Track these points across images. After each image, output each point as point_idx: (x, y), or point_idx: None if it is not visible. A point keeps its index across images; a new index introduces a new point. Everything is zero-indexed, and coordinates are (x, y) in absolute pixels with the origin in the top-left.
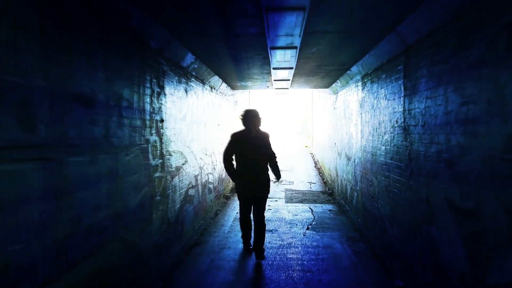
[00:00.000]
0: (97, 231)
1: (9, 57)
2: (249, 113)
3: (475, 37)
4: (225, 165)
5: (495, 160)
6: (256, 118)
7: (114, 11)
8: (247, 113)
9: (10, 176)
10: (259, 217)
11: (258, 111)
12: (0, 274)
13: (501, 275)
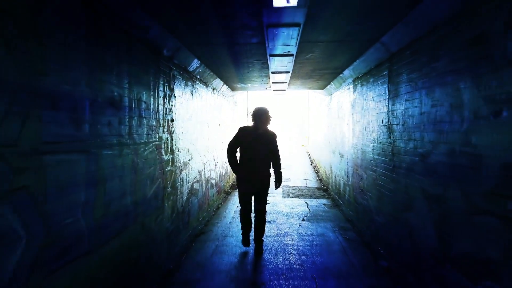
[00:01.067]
0: (123, 214)
1: (64, 72)
2: (259, 110)
3: (442, 51)
4: (229, 156)
5: (456, 152)
6: (265, 116)
7: (135, 27)
8: (257, 110)
9: (64, 164)
10: (259, 212)
11: (269, 109)
12: (58, 240)
13: (461, 248)
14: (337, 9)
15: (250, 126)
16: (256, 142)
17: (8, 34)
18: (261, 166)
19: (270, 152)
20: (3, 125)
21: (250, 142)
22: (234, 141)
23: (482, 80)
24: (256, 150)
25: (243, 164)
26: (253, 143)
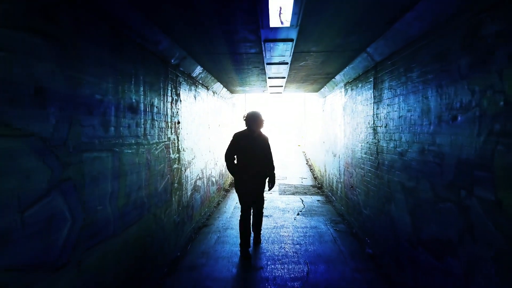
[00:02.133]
0: (140, 205)
1: (96, 83)
2: (253, 115)
3: (414, 63)
4: (227, 163)
5: (425, 151)
6: (259, 120)
7: (149, 41)
8: (251, 114)
9: (96, 160)
10: (258, 210)
11: (261, 113)
12: (92, 223)
13: (429, 232)
14: (325, 27)
15: (244, 131)
16: (252, 147)
17: (59, 55)
18: (259, 169)
19: (265, 154)
20: (56, 129)
21: (246, 147)
22: (230, 148)
23: (443, 90)
24: (252, 154)
25: (241, 169)
26: (249, 147)
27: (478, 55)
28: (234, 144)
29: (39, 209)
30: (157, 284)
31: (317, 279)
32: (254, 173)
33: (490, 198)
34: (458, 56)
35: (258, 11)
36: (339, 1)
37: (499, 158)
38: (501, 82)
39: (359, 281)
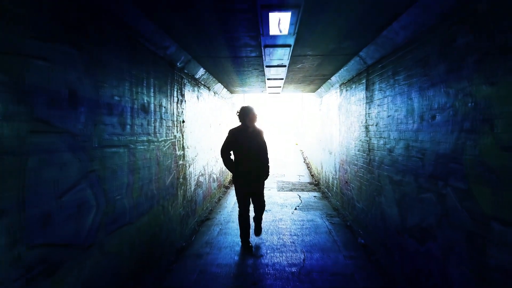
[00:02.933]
0: (150, 197)
1: (115, 87)
2: (245, 109)
3: (401, 67)
4: (223, 159)
5: (410, 147)
6: (251, 114)
7: (159, 47)
8: (243, 109)
9: (115, 155)
10: (259, 201)
11: (253, 107)
12: (112, 211)
13: (413, 220)
14: (320, 34)
15: (239, 127)
16: (247, 141)
17: (87, 63)
18: (256, 163)
19: (262, 147)
20: (85, 127)
21: (242, 142)
22: (226, 144)
23: (424, 93)
24: (249, 149)
25: (238, 165)
26: (245, 142)
27: (452, 62)
28: (229, 140)
29: (72, 196)
30: (166, 269)
31: (312, 265)
32: (251, 167)
33: (462, 187)
34: (436, 63)
35: (259, 21)
36: (332, 14)
37: (468, 152)
38: (470, 86)
39: (350, 267)
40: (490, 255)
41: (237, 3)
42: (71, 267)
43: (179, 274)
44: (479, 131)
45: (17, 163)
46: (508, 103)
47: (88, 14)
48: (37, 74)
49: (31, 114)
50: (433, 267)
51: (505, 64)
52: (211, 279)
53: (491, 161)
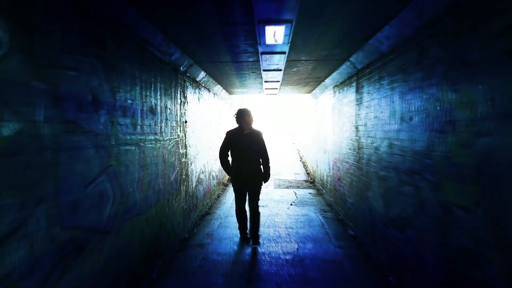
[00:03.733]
0: (157, 191)
1: (128, 91)
2: (241, 112)
3: (385, 73)
4: (221, 161)
5: (393, 145)
6: (247, 116)
7: (165, 54)
8: (239, 111)
9: (128, 152)
10: (253, 207)
11: (250, 109)
12: (125, 202)
13: (395, 211)
14: (313, 43)
15: (236, 128)
16: (244, 143)
17: (106, 71)
18: (252, 165)
19: (259, 150)
20: (104, 127)
21: (239, 144)
22: (224, 145)
23: (404, 96)
24: (245, 150)
25: (235, 165)
26: (241, 144)
27: (425, 70)
28: (227, 142)
29: (94, 187)
30: (172, 256)
31: (305, 253)
32: (248, 169)
33: (434, 180)
34: (413, 70)
35: (257, 33)
36: (322, 26)
37: (437, 149)
38: (439, 92)
39: (340, 255)
40: (452, 237)
41: (237, 18)
42: (93, 249)
43: (183, 260)
44: (445, 131)
45: (53, 158)
46: (467, 108)
47: (107, 28)
48: (68, 82)
49: (63, 116)
50: (411, 251)
51: (466, 74)
52: (213, 265)
53: (454, 157)
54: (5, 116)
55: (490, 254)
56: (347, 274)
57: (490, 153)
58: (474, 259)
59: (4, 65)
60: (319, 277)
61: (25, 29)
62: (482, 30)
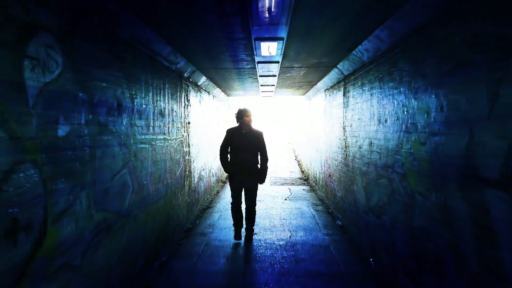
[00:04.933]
0: (165, 184)
1: (144, 97)
2: (241, 112)
3: (366, 80)
4: (220, 157)
5: (372, 143)
6: (246, 116)
7: (172, 63)
8: (239, 111)
9: (143, 149)
10: (250, 204)
11: (249, 109)
12: (141, 193)
13: (374, 201)
14: (303, 54)
15: (236, 127)
16: (242, 142)
17: (127, 81)
18: (249, 163)
19: (258, 150)
20: (126, 128)
21: (237, 142)
22: (224, 143)
23: (381, 101)
24: (243, 149)
25: (233, 163)
26: (240, 142)
27: (396, 80)
28: (227, 139)
29: (118, 179)
30: (178, 243)
31: (297, 240)
32: (244, 168)
33: (402, 172)
34: (387, 79)
35: (253, 47)
36: (311, 41)
37: (404, 146)
38: (405, 99)
39: (327, 241)
40: (415, 218)
41: (237, 35)
42: (118, 229)
43: (188, 246)
44: (410, 132)
45: (91, 153)
46: (424, 113)
47: (126, 44)
48: (100, 92)
49: (97, 120)
50: (385, 235)
51: (423, 86)
52: (215, 249)
53: (415, 153)
54: (60, 120)
55: (440, 230)
56: (333, 256)
57: (438, 149)
58: (429, 235)
59: (60, 80)
60: (308, 258)
61: (72, 51)
62: (434, 51)
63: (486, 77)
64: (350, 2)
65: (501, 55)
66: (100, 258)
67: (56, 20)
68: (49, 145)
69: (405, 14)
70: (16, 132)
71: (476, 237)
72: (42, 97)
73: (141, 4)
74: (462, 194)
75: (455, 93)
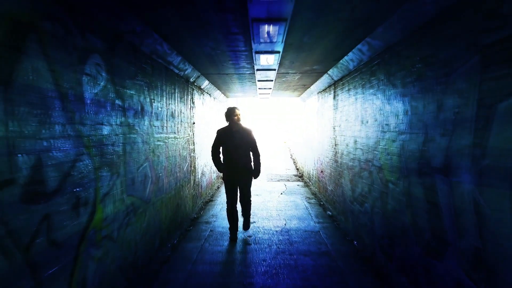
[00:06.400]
0: (175, 178)
1: (159, 101)
2: (229, 111)
3: (351, 86)
4: (212, 157)
5: (356, 141)
6: (233, 114)
7: (181, 70)
8: (228, 110)
9: (159, 146)
10: (245, 200)
11: (237, 107)
12: (157, 183)
13: (358, 192)
14: (297, 63)
15: (226, 126)
16: (232, 140)
17: (148, 89)
18: (241, 161)
19: (249, 147)
20: (148, 128)
21: (228, 141)
22: (215, 143)
23: (363, 105)
24: (233, 147)
25: (225, 162)
26: (230, 141)
27: (374, 87)
28: (218, 139)
29: (142, 170)
30: (186, 229)
31: (291, 227)
32: (238, 165)
33: (378, 165)
34: (368, 86)
35: (253, 58)
36: (302, 53)
37: (380, 143)
38: (381, 104)
39: (318, 227)
40: (388, 203)
41: (240, 48)
42: (141, 213)
43: (196, 232)
44: (384, 131)
45: (123, 149)
46: (395, 116)
47: (147, 57)
48: (129, 99)
49: (127, 122)
50: (367, 220)
51: (394, 93)
52: (219, 234)
53: (388, 149)
54: (104, 122)
55: (405, 210)
56: (322, 239)
57: (404, 145)
58: (398, 216)
59: (103, 91)
60: (301, 241)
61: (111, 67)
62: (401, 66)
63: (434, 89)
64: (334, 25)
65: (443, 73)
66: (129, 234)
67: (101, 43)
68: (97, 141)
69: (379, 34)
70: (80, 131)
71: (428, 212)
72: (93, 104)
73: (163, 25)
74: (419, 180)
75: (415, 101)
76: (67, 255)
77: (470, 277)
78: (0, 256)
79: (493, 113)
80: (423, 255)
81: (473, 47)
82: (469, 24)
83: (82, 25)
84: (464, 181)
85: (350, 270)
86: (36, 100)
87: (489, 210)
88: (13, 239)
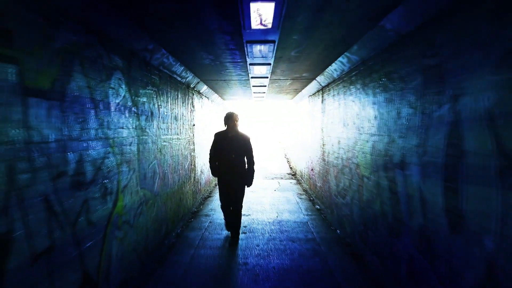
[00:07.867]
0: (178, 175)
1: (167, 105)
2: (228, 115)
3: (337, 91)
4: (210, 161)
5: (340, 142)
6: (231, 119)
7: (184, 78)
8: (226, 115)
9: (165, 146)
10: (236, 208)
11: (235, 112)
12: (163, 179)
13: (341, 186)
14: (287, 71)
15: (223, 130)
16: (228, 145)
17: (157, 96)
18: (236, 167)
19: (244, 154)
20: (156, 130)
21: (224, 145)
22: (213, 147)
23: (344, 109)
24: (229, 152)
25: (220, 166)
26: (226, 145)
27: (353, 95)
28: (215, 143)
29: (151, 167)
30: (188, 221)
31: (282, 218)
32: (232, 171)
33: (356, 162)
34: (348, 93)
35: (248, 69)
36: (293, 64)
37: (358, 144)
38: (358, 109)
39: (306, 219)
40: (363, 195)
41: (237, 59)
42: (151, 204)
43: (196, 223)
44: (361, 133)
45: (137, 148)
46: (367, 120)
47: (155, 69)
48: (142, 105)
49: (140, 125)
50: (348, 210)
51: (367, 102)
52: (218, 225)
53: (363, 148)
54: (124, 126)
55: (376, 200)
56: (309, 228)
57: (374, 145)
58: (370, 205)
59: (123, 100)
60: (290, 230)
61: (129, 79)
62: (372, 78)
63: (394, 99)
64: (317, 44)
65: (400, 87)
66: (142, 221)
67: (121, 60)
68: (119, 142)
69: (355, 51)
70: (107, 134)
71: (391, 199)
72: (116, 112)
73: (171, 44)
74: (385, 174)
75: (382, 108)
76: (99, 233)
77: (418, 249)
78: (58, 229)
79: (430, 120)
80: (387, 236)
81: (419, 68)
82: (417, 50)
83: (108, 48)
84: (413, 173)
85: (331, 253)
86: (79, 111)
87: (428, 195)
88: (66, 216)
